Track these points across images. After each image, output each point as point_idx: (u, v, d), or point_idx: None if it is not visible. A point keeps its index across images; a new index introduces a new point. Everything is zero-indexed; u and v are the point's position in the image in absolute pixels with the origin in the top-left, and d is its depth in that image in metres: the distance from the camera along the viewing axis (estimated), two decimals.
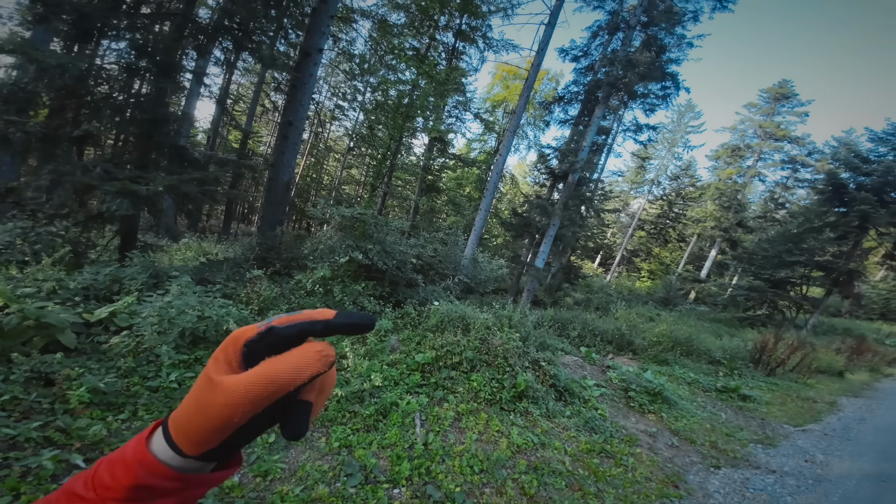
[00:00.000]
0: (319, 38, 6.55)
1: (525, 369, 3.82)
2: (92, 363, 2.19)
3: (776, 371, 7.16)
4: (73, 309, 2.39)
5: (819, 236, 13.31)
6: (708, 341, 8.19)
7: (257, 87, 14.80)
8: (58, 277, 2.63)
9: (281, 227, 6.16)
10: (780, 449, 3.75)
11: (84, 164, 3.98)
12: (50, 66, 3.85)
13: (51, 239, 3.31)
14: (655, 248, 28.58)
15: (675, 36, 10.94)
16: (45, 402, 1.89)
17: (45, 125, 4.29)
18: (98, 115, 4.61)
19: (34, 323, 2.06)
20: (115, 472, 0.30)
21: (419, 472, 2.17)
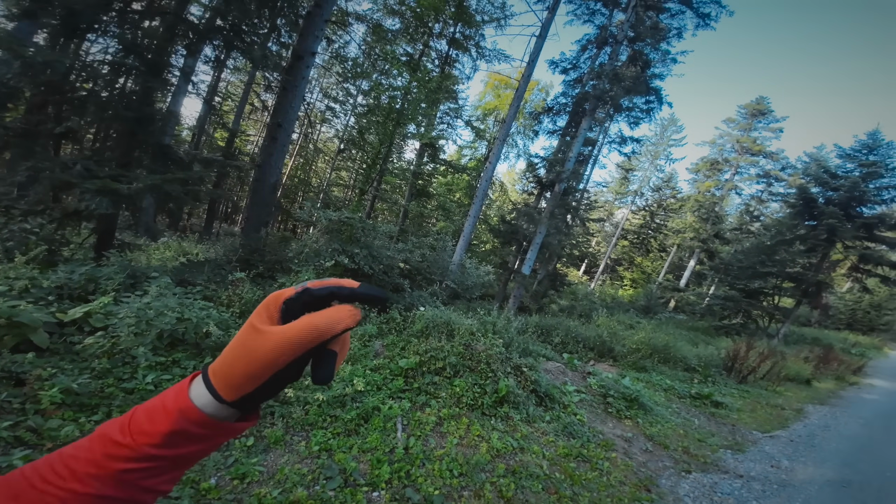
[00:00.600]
0: (313, 41, 6.57)
1: (507, 375, 3.89)
2: (65, 364, 2.14)
3: (748, 378, 7.44)
4: (47, 308, 2.32)
5: (790, 248, 13.98)
6: (684, 349, 8.47)
7: (247, 86, 14.62)
8: (31, 276, 2.55)
9: (266, 228, 6.10)
10: (748, 454, 3.90)
11: (63, 160, 3.87)
12: (36, 63, 3.75)
13: (24, 236, 3.20)
14: (638, 257, 29.39)
15: (660, 52, 11.46)
16: (16, 401, 1.84)
17: (25, 120, 4.16)
18: (82, 111, 4.50)
19: (5, 322, 2.00)
20: (153, 418, 0.32)
21: (399, 476, 2.19)
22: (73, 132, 4.49)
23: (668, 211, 28.70)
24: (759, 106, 22.83)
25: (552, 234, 11.35)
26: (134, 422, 0.33)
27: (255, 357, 0.32)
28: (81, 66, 4.58)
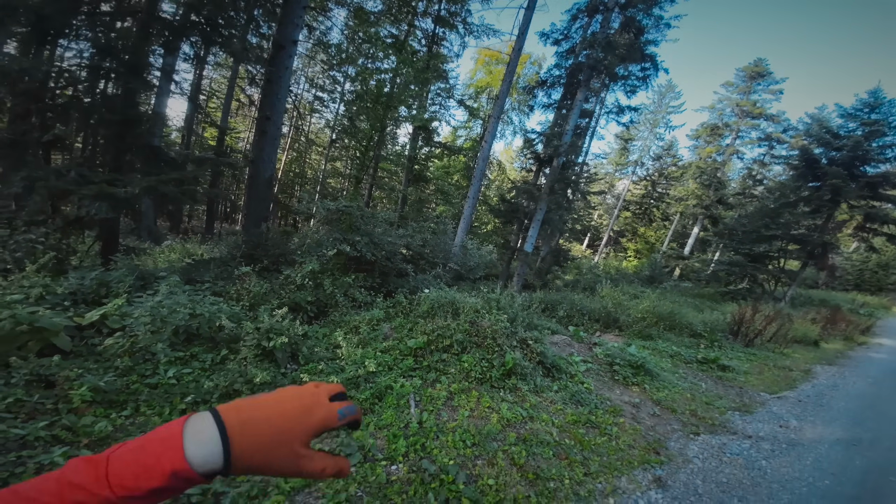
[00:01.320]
0: (293, 29, 6.36)
1: (513, 348, 3.98)
2: (90, 364, 2.23)
3: (754, 342, 7.45)
4: (64, 313, 2.39)
5: (794, 211, 13.83)
6: (689, 315, 8.53)
7: (231, 81, 14.30)
8: (44, 283, 2.62)
9: (266, 223, 6.12)
10: (756, 415, 3.96)
11: (57, 168, 3.88)
12: (12, 70, 3.69)
13: (31, 246, 3.25)
14: (641, 227, 29.22)
15: (653, 17, 10.99)
16: (49, 402, 1.94)
17: (12, 131, 4.14)
18: (65, 118, 4.46)
19: (27, 328, 2.07)
20: (139, 474, 0.32)
21: (415, 449, 2.30)
22: (61, 140, 4.46)
23: (669, 179, 28.28)
24: (757, 68, 22.06)
25: (553, 210, 11.28)
26: (113, 474, 0.32)
27: (289, 473, 0.37)
28: (59, 72, 4.50)
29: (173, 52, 5.79)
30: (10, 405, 1.90)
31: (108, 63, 4.33)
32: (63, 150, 5.10)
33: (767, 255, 14.61)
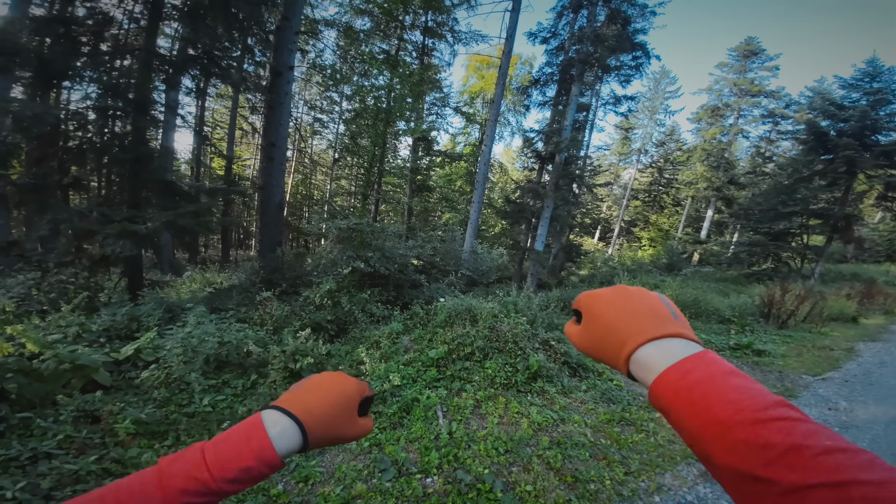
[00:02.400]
0: (287, 55, 6.59)
1: (536, 350, 3.93)
2: (130, 397, 2.31)
3: (788, 323, 7.14)
4: (101, 349, 2.49)
5: (810, 185, 13.41)
6: (715, 301, 8.28)
7: (233, 111, 14.80)
8: (79, 322, 2.74)
9: (280, 247, 6.25)
10: (801, 399, 3.77)
11: (79, 210, 4.06)
12: (25, 117, 3.90)
13: (63, 287, 3.41)
14: (652, 215, 28.69)
15: (637, 6, 11.02)
16: (96, 437, 2.02)
17: (33, 175, 4.36)
18: (81, 159, 4.68)
19: (70, 366, 2.17)
20: (231, 456, 0.37)
21: (448, 460, 2.28)
22: (79, 181, 4.69)
23: (675, 164, 27.81)
24: (749, 47, 21.77)
25: (560, 206, 11.20)
26: (210, 458, 0.37)
27: (346, 438, 0.47)
28: (69, 115, 4.73)
29: (175, 86, 6.03)
30: (61, 441, 1.99)
31: (114, 102, 4.53)
32: (81, 190, 5.33)
33: (789, 233, 14.14)
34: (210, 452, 0.38)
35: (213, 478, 0.36)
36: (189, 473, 0.36)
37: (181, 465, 0.37)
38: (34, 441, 1.96)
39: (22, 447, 1.89)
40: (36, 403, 2.25)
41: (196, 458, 0.37)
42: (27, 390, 2.25)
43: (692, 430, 0.30)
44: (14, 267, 4.10)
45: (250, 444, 0.38)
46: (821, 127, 12.87)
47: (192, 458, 0.37)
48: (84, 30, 4.70)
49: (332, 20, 11.75)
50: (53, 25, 4.47)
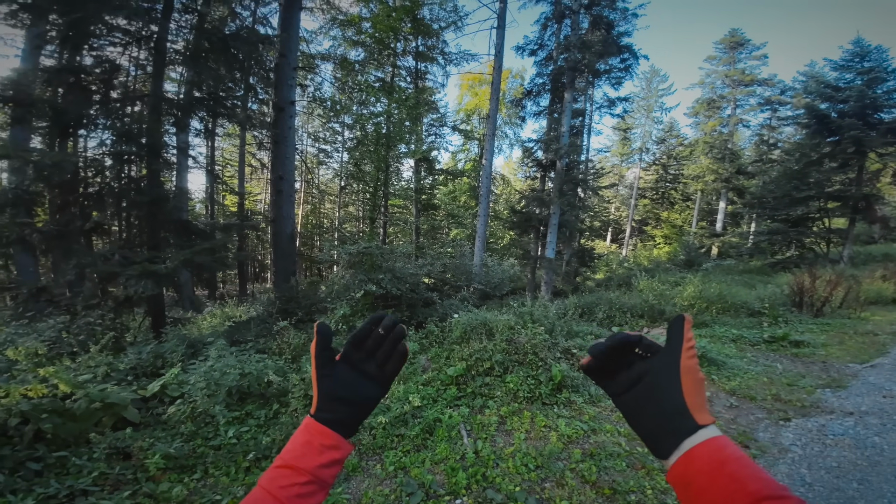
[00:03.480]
0: (288, 91, 6.94)
1: (558, 360, 3.83)
2: (158, 433, 2.34)
3: (823, 310, 6.82)
4: (129, 387, 2.56)
5: (821, 168, 13.10)
6: (742, 294, 7.96)
7: (241, 148, 15.50)
8: (107, 362, 2.83)
9: (294, 277, 6.37)
10: (851, 389, 3.56)
11: (102, 253, 4.26)
12: (45, 165, 4.17)
13: (91, 328, 3.53)
14: (663, 212, 28.24)
15: (619, 10, 11.33)
16: (129, 473, 2.07)
17: (57, 222, 4.61)
18: (101, 204, 4.94)
19: (100, 404, 2.22)
20: (305, 448, 0.44)
21: (476, 480, 2.20)
22: (100, 225, 4.93)
23: (679, 159, 27.59)
24: (734, 38, 22.01)
25: (567, 212, 11.16)
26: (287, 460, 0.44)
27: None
28: (87, 162, 5.02)
29: (184, 128, 6.38)
30: (96, 478, 2.04)
31: (129, 148, 4.80)
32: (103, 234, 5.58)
33: (808, 218, 13.69)
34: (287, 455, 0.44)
35: (312, 466, 0.43)
36: (293, 465, 0.43)
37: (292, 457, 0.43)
38: (70, 479, 2.02)
39: (60, 485, 1.95)
40: (70, 442, 2.31)
41: (282, 470, 0.43)
42: (61, 430, 2.32)
43: (719, 499, 0.33)
44: (44, 311, 4.29)
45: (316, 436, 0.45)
46: (820, 109, 12.73)
47: (279, 471, 0.43)
48: (93, 78, 5.06)
49: (327, 54, 12.41)
50: (64, 75, 4.82)
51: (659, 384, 0.41)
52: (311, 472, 0.42)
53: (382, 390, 0.51)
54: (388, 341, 0.51)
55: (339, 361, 0.50)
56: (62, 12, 4.38)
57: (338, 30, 11.79)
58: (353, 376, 0.49)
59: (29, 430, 2.25)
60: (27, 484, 1.94)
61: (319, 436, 0.45)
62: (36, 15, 4.60)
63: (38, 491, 1.88)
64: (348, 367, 0.50)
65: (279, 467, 0.43)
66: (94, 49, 5.11)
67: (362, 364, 0.50)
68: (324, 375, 0.49)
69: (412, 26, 11.75)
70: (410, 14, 11.36)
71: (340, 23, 11.50)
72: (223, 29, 5.78)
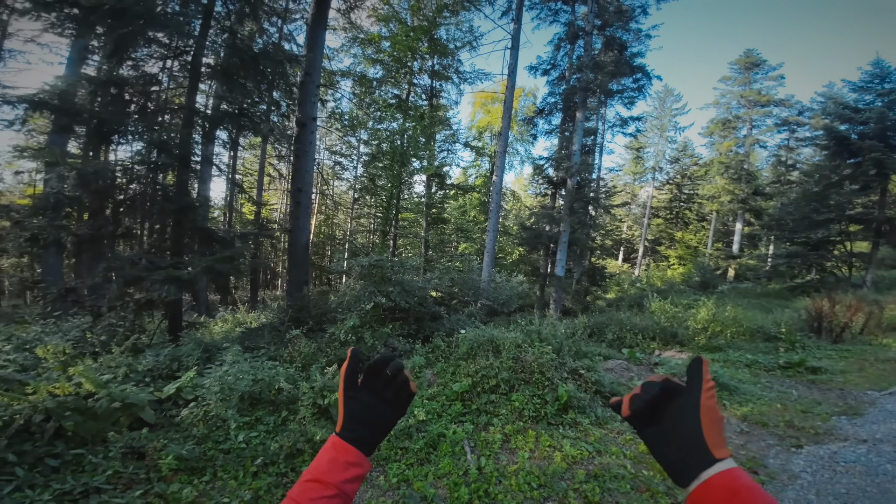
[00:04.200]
0: (311, 107, 7.28)
1: (564, 380, 3.80)
2: (172, 434, 2.43)
3: (843, 336, 6.63)
4: (146, 388, 2.67)
5: (841, 190, 12.83)
6: (758, 318, 7.77)
7: (261, 159, 16.14)
8: (127, 363, 2.96)
9: (306, 286, 6.53)
10: (867, 417, 3.48)
11: (130, 258, 4.49)
12: (88, 173, 4.46)
13: (112, 329, 3.70)
14: (677, 232, 27.78)
15: (632, 32, 11.58)
16: (141, 472, 2.14)
17: (91, 226, 4.89)
18: (133, 211, 5.23)
19: (119, 404, 2.33)
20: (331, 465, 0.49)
21: (478, 495, 2.20)
22: (130, 231, 5.20)
23: (694, 179, 27.32)
24: (749, 59, 22.04)
25: (577, 230, 11.16)
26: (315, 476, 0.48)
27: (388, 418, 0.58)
28: (123, 170, 5.34)
29: (212, 140, 6.73)
30: (110, 477, 2.12)
31: (161, 158, 5.08)
32: (131, 239, 5.88)
33: (829, 241, 13.31)
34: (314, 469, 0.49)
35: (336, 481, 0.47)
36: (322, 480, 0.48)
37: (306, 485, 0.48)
38: (86, 476, 2.10)
39: (75, 482, 2.03)
40: (88, 440, 2.41)
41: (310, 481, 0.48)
42: (82, 428, 2.43)
43: None
44: (70, 312, 4.52)
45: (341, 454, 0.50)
46: (840, 131, 12.57)
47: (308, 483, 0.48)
48: (133, 90, 5.44)
49: (347, 71, 13.02)
50: (108, 86, 5.21)
51: (681, 421, 0.44)
52: (336, 486, 0.46)
53: (399, 413, 0.57)
54: (397, 381, 0.56)
55: (360, 386, 0.55)
56: (111, 27, 4.75)
57: (358, 48, 12.41)
58: (373, 400, 0.54)
59: (50, 426, 2.36)
60: (45, 479, 2.02)
61: (344, 453, 0.50)
62: (85, 27, 4.99)
63: (55, 487, 1.95)
64: (368, 391, 0.55)
65: (308, 481, 0.47)
66: (134, 62, 5.52)
67: (381, 390, 0.55)
68: (350, 397, 0.54)
69: (429, 46, 12.25)
70: (428, 34, 11.87)
71: (361, 41, 12.11)
72: (252, 46, 6.17)
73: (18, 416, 2.27)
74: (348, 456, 0.50)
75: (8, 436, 2.16)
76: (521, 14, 10.22)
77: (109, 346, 3.48)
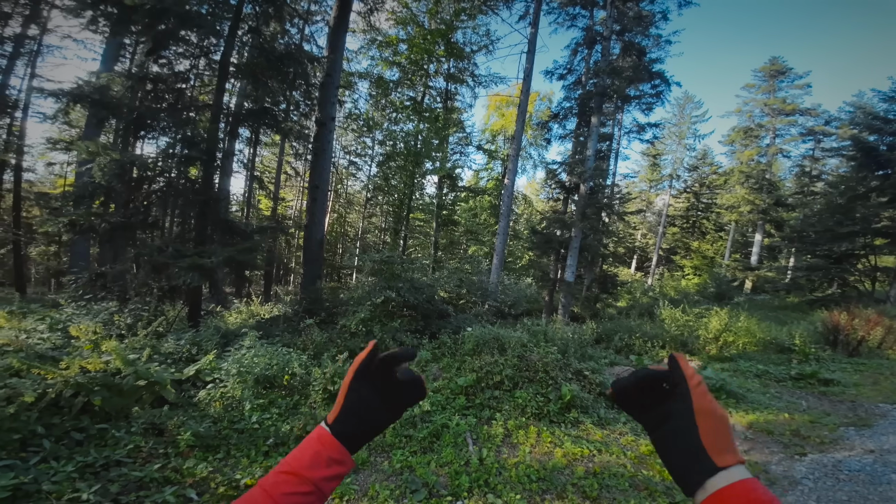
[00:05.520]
0: (330, 108, 7.51)
1: (569, 380, 3.83)
2: (191, 413, 2.58)
3: (859, 350, 6.48)
4: (168, 369, 2.85)
5: (868, 202, 12.36)
6: (772, 329, 7.60)
7: (279, 157, 16.60)
8: (151, 345, 3.15)
9: (320, 280, 6.72)
10: (876, 428, 3.42)
11: (158, 245, 4.74)
12: (125, 164, 4.73)
13: (137, 314, 3.93)
14: (693, 242, 27.14)
15: (652, 37, 11.45)
16: (160, 448, 2.27)
17: (123, 215, 5.18)
18: (163, 202, 5.51)
19: (144, 382, 2.50)
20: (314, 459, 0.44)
21: (479, 485, 2.27)
22: (158, 220, 5.48)
23: (713, 188, 26.67)
24: (775, 66, 21.40)
25: (589, 236, 11.07)
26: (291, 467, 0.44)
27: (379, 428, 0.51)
28: (154, 163, 5.62)
29: (236, 136, 7.00)
30: (131, 451, 2.26)
31: (191, 152, 5.33)
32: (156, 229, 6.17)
33: (852, 254, 12.83)
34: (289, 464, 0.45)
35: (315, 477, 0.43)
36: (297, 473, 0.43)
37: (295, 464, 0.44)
38: (108, 450, 2.24)
39: (97, 455, 2.16)
40: (112, 416, 2.58)
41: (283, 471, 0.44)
42: (108, 403, 2.60)
43: None
44: (98, 296, 4.79)
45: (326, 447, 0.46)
46: (868, 142, 12.13)
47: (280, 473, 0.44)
48: (166, 87, 5.73)
49: (365, 72, 13.30)
50: (144, 82, 5.50)
51: (679, 426, 0.41)
52: (315, 483, 0.43)
53: (394, 416, 0.52)
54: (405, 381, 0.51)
55: (365, 381, 0.50)
56: (149, 25, 5.04)
57: (376, 50, 12.67)
58: (373, 398, 0.50)
59: (79, 401, 2.53)
60: (69, 452, 2.15)
61: (331, 448, 0.46)
62: (121, 25, 5.29)
63: (78, 459, 2.08)
64: (371, 387, 0.50)
65: (285, 473, 0.43)
66: (167, 60, 5.84)
67: (384, 388, 0.50)
68: (353, 389, 0.49)
69: (445, 49, 12.41)
70: (444, 37, 12.04)
71: (379, 44, 12.37)
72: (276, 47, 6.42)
73: (51, 390, 2.45)
74: (333, 452, 0.46)
75: (39, 409, 2.33)
76: (538, 18, 10.28)
77: (135, 328, 3.70)
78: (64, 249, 14.29)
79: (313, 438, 0.47)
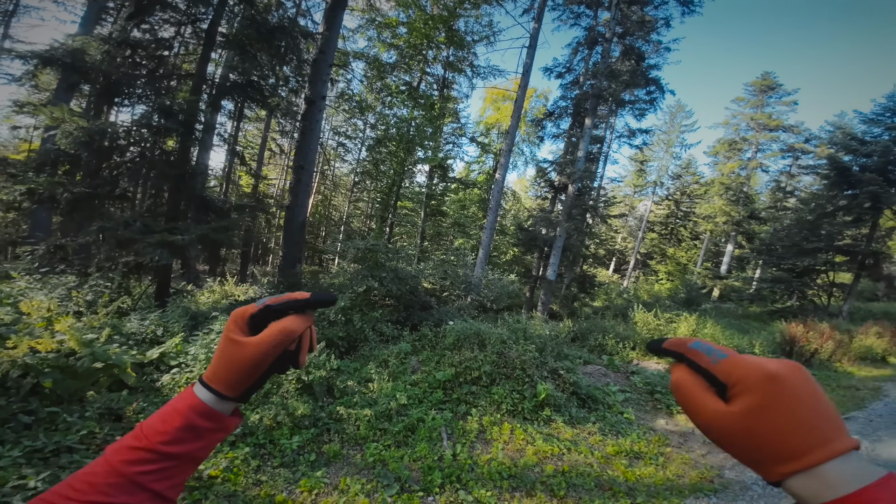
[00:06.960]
0: (321, 86, 7.18)
1: (544, 379, 3.90)
2: (152, 398, 2.44)
3: (811, 361, 6.95)
4: (129, 351, 2.67)
5: (834, 221, 13.12)
6: (735, 338, 8.04)
7: (264, 133, 15.89)
8: (112, 324, 2.95)
9: (300, 263, 6.51)
10: None
11: (125, 219, 4.43)
12: (93, 132, 4.37)
13: (99, 290, 3.67)
14: (669, 248, 28.15)
15: (652, 43, 11.54)
16: (117, 434, 2.13)
17: (88, 185, 4.80)
18: (134, 174, 5.14)
19: (101, 364, 2.33)
20: (166, 419, 0.39)
21: (451, 481, 2.28)
22: (126, 193, 5.12)
23: (692, 197, 27.62)
24: (766, 81, 22.15)
25: (573, 236, 11.26)
26: (147, 427, 0.39)
27: (242, 362, 0.41)
28: (126, 132, 5.23)
29: (218, 109, 6.58)
30: (84, 437, 2.11)
31: (167, 123, 4.97)
32: (124, 201, 5.77)
33: (814, 269, 13.68)
34: (146, 422, 0.41)
35: (151, 442, 0.38)
36: (130, 444, 0.39)
37: (123, 442, 0.39)
38: (59, 435, 2.09)
39: (47, 440, 2.01)
40: (64, 399, 2.40)
41: (134, 432, 0.40)
42: (60, 386, 2.42)
43: None
44: (57, 269, 4.46)
45: (178, 405, 0.41)
46: (843, 162, 12.78)
47: (132, 433, 0.40)
48: (146, 53, 5.31)
49: (361, 53, 12.78)
50: (123, 48, 5.07)
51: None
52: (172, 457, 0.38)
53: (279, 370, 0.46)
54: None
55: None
56: None
57: (374, 31, 12.17)
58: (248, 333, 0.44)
59: (27, 382, 2.34)
60: (16, 436, 2.00)
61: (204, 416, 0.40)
62: None
63: (26, 444, 1.93)
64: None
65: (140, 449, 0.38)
66: (150, 25, 5.38)
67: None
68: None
69: (446, 36, 12.08)
70: (446, 24, 11.69)
71: (378, 25, 11.88)
72: (269, 18, 6.03)
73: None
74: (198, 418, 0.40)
75: None
76: (542, 14, 10.11)
77: (95, 306, 3.46)
78: (24, 217, 13.27)
79: (175, 409, 0.41)
